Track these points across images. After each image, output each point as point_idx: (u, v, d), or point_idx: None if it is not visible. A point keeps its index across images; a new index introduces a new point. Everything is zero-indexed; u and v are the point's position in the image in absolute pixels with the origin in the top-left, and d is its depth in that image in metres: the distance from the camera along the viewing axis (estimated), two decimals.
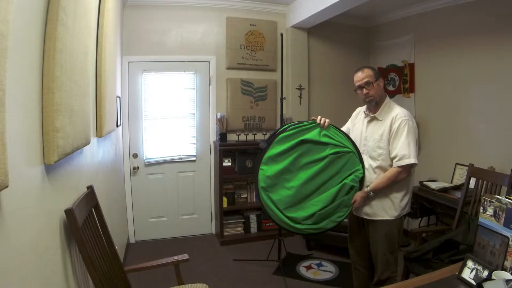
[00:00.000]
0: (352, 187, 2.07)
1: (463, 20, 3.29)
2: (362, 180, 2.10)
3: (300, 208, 2.07)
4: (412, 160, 1.94)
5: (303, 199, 2.08)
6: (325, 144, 2.09)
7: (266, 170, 2.07)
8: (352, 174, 2.08)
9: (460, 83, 3.35)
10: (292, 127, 2.11)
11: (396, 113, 2.01)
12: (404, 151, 1.94)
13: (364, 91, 2.06)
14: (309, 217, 2.05)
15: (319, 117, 2.12)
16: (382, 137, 2.04)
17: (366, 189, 2.05)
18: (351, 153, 2.09)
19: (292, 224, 2.06)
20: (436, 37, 3.58)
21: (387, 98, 2.12)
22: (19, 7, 0.93)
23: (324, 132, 2.10)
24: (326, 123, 2.10)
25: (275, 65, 4.02)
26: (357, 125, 2.24)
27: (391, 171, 1.99)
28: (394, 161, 1.99)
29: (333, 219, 2.08)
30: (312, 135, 2.10)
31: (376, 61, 4.39)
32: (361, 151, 2.14)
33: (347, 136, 2.16)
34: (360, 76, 2.07)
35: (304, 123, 2.13)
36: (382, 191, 2.04)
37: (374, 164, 2.07)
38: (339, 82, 4.31)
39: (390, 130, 2.01)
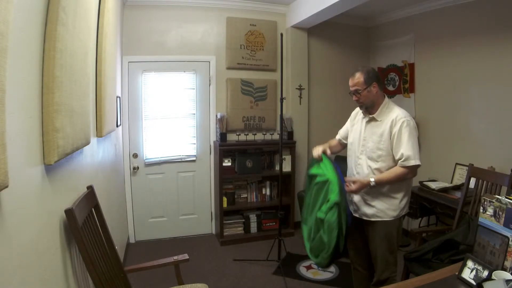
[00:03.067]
0: (321, 220, 1.98)
1: (463, 20, 3.29)
2: (339, 204, 1.91)
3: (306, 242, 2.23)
4: (417, 161, 1.93)
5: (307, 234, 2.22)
6: (315, 176, 2.17)
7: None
8: (323, 204, 2.01)
9: (460, 83, 3.35)
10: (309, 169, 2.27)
11: (396, 115, 2.00)
12: (409, 152, 1.93)
13: (354, 97, 2.09)
14: (310, 252, 2.16)
15: (313, 150, 2.22)
16: (381, 138, 2.02)
17: (370, 179, 1.99)
18: (327, 182, 2.03)
19: (312, 256, 2.16)
20: (436, 37, 3.58)
21: (386, 98, 2.11)
22: (19, 7, 0.93)
23: (319, 163, 2.17)
24: (318, 155, 2.18)
25: (275, 65, 4.02)
26: (356, 125, 2.23)
27: (399, 169, 1.96)
28: (400, 161, 1.96)
29: (323, 256, 2.01)
30: (313, 168, 2.23)
31: (376, 61, 4.39)
32: (359, 151, 2.13)
33: (331, 162, 2.12)
34: (351, 83, 2.08)
35: (313, 160, 2.25)
36: (381, 192, 2.03)
37: (374, 165, 2.06)
38: (339, 82, 4.30)
39: (390, 132, 1.99)
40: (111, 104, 2.48)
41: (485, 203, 1.52)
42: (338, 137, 2.40)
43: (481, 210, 1.53)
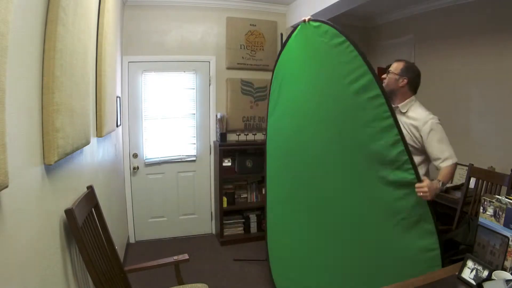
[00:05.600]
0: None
1: (463, 20, 3.29)
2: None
3: None
4: (455, 158, 1.97)
5: None
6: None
7: None
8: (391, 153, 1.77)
9: (460, 83, 3.35)
10: None
11: (425, 115, 2.07)
12: (450, 151, 1.98)
13: (383, 75, 2.17)
14: None
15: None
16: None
17: (438, 182, 1.80)
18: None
19: None
20: (436, 37, 3.58)
21: (413, 97, 2.18)
22: (19, 7, 0.94)
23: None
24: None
25: None
26: None
27: (451, 168, 1.95)
28: (441, 163, 1.96)
29: None
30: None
31: (376, 61, 4.38)
32: None
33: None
34: (393, 64, 2.18)
35: None
36: None
37: None
38: None
39: (419, 134, 2.02)
40: (111, 104, 2.48)
41: (485, 203, 1.52)
42: None
43: (481, 210, 1.53)
